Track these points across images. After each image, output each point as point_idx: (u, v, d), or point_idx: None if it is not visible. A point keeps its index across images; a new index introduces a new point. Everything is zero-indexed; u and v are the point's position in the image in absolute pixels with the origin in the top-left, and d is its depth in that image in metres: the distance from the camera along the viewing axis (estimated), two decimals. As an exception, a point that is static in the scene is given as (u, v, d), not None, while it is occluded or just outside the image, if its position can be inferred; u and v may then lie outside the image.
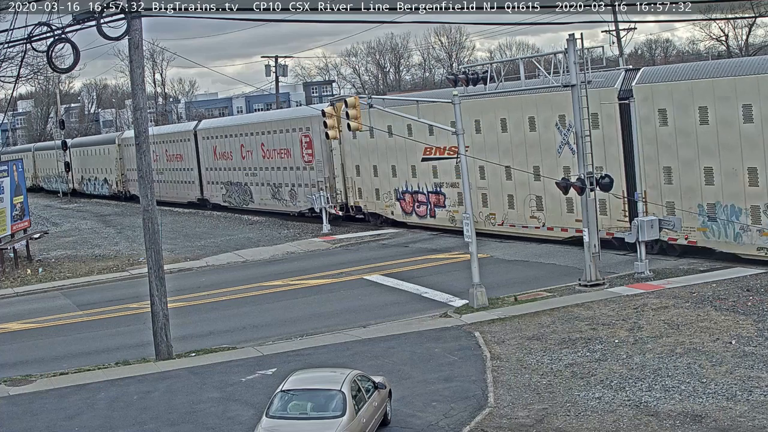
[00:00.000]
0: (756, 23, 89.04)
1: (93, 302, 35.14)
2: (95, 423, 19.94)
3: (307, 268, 38.11)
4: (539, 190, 36.24)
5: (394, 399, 19.04)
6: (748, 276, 27.85)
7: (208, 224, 57.52)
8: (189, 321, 29.87)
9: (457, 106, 28.63)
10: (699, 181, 30.26)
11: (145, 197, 25.32)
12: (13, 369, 25.68)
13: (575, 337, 23.08)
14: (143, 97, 25.46)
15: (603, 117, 33.06)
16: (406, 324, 26.74)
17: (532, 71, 33.42)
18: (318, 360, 23.05)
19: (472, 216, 28.44)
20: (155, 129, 64.48)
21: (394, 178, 44.65)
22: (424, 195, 43.09)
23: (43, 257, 47.19)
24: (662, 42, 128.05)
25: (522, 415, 18.18)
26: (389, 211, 45.61)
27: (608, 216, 33.09)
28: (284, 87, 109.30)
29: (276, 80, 77.30)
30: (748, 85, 28.42)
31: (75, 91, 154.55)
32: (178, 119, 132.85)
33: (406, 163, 43.50)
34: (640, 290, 27.49)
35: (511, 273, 32.99)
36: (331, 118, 30.46)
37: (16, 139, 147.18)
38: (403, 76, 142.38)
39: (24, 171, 49.12)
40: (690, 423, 17.00)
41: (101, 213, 71.82)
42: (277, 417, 16.58)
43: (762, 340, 21.33)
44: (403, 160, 43.65)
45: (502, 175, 37.92)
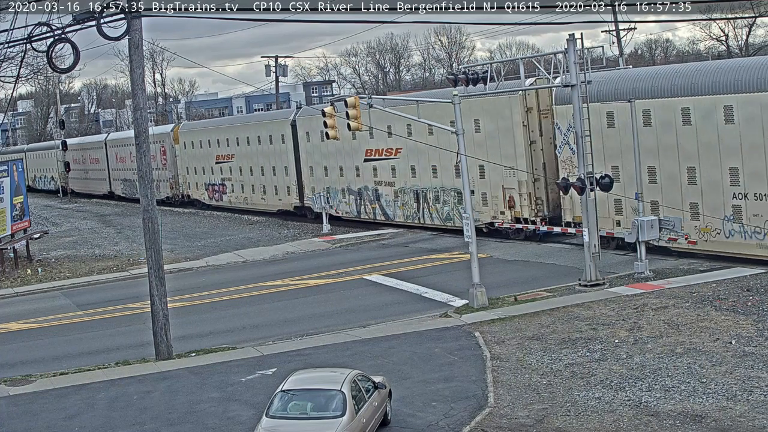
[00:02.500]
0: (756, 23, 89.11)
1: (93, 302, 35.14)
2: (95, 423, 19.94)
3: (307, 268, 38.12)
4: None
5: (394, 399, 19.04)
6: (748, 276, 27.85)
7: (208, 224, 57.57)
8: (189, 321, 29.87)
9: (458, 106, 28.64)
10: (329, 175, 50.44)
11: (145, 197, 25.29)
12: (13, 369, 25.69)
13: (575, 337, 23.08)
14: (143, 97, 25.45)
15: (284, 136, 54.27)
16: (406, 324, 26.74)
17: (532, 71, 33.44)
18: (318, 360, 23.05)
19: (472, 216, 28.44)
20: (77, 140, 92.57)
21: (203, 175, 65.72)
22: (217, 186, 63.72)
23: (43, 257, 47.19)
24: (662, 42, 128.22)
25: (522, 415, 18.18)
26: (203, 197, 66.02)
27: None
28: (284, 87, 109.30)
29: (276, 80, 77.33)
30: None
31: (75, 91, 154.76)
32: (178, 119, 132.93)
33: (208, 164, 64.46)
34: (640, 290, 27.49)
35: (511, 273, 32.99)
36: (331, 118, 30.54)
37: (16, 139, 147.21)
38: (403, 76, 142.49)
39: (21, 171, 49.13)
40: (690, 423, 17.00)
41: (101, 213, 71.85)
42: (277, 417, 16.57)
43: (762, 340, 21.32)
44: (207, 162, 64.40)
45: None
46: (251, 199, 59.73)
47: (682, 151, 30.98)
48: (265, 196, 57.83)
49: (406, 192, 44.34)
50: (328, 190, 50.27)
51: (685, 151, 30.89)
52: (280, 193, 55.99)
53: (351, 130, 30.62)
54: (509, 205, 38.26)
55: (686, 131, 30.81)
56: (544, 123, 37.16)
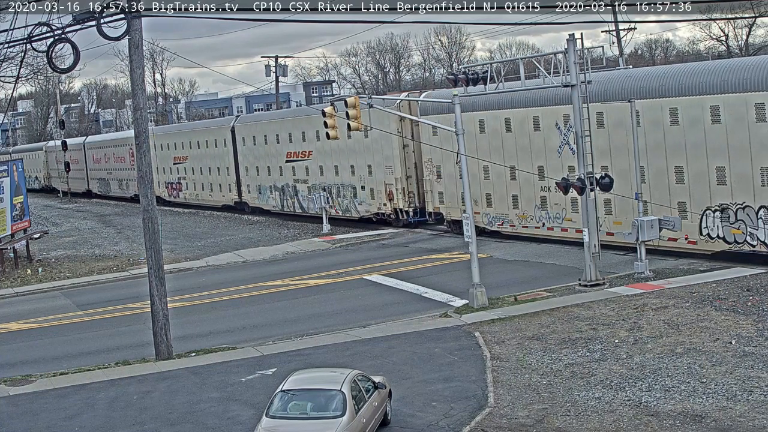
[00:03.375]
0: (756, 23, 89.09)
1: (93, 302, 35.14)
2: (95, 423, 19.94)
3: (307, 268, 38.13)
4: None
5: (394, 399, 19.04)
6: (748, 276, 27.85)
7: (208, 224, 57.61)
8: (189, 321, 29.87)
9: (457, 106, 28.65)
10: (260, 174, 57.41)
11: (145, 197, 25.29)
12: (13, 369, 25.69)
13: (575, 337, 23.08)
14: (143, 97, 25.45)
15: (225, 140, 61.15)
16: (406, 324, 26.74)
17: (533, 71, 33.42)
18: (318, 360, 23.06)
19: (472, 216, 28.44)
20: (52, 143, 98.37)
21: (164, 174, 72.18)
22: (174, 184, 71.00)
23: (43, 257, 47.20)
24: (662, 42, 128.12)
25: (522, 415, 18.18)
26: (163, 194, 71.39)
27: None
28: (284, 87, 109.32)
29: (276, 80, 77.34)
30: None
31: (75, 91, 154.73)
32: (178, 119, 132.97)
33: (167, 165, 71.82)
34: (640, 290, 27.49)
35: (511, 273, 32.99)
36: (331, 118, 30.56)
37: (16, 139, 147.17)
38: (403, 76, 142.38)
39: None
40: (690, 423, 17.00)
41: (101, 213, 71.89)
42: (277, 417, 16.57)
43: (762, 340, 21.32)
44: (167, 163, 71.70)
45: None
46: (201, 195, 67.17)
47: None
48: (212, 193, 65.47)
49: (316, 188, 51.06)
50: (259, 188, 57.96)
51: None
52: (224, 190, 63.30)
53: (352, 130, 30.72)
54: (389, 198, 45.69)
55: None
56: (416, 130, 44.17)
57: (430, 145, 41.09)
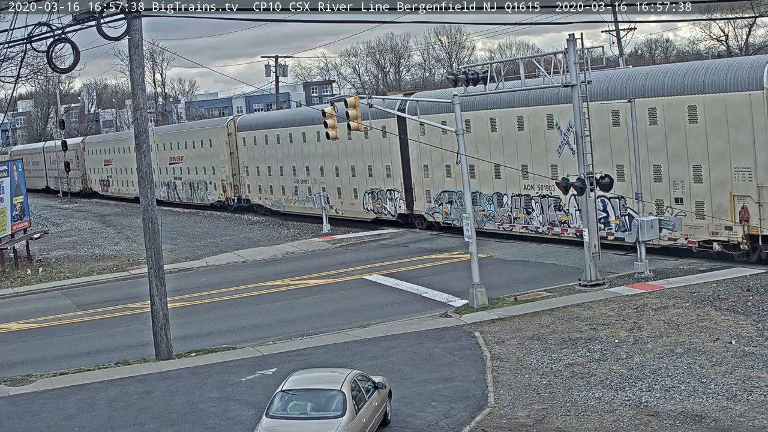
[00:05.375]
0: (756, 23, 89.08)
1: (93, 302, 35.14)
2: (95, 423, 19.94)
3: (307, 268, 38.13)
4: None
5: (394, 399, 19.04)
6: (748, 276, 27.86)
7: (208, 224, 57.63)
8: (189, 321, 29.87)
9: (457, 106, 28.65)
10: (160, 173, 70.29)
11: (145, 197, 25.29)
12: (13, 369, 25.69)
13: (575, 337, 23.08)
14: (143, 97, 25.45)
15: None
16: (406, 324, 26.74)
17: (533, 71, 33.41)
18: (318, 360, 23.05)
19: (472, 216, 28.44)
20: (21, 147, 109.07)
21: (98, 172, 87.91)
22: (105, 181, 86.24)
23: (43, 257, 47.20)
24: (662, 42, 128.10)
25: (522, 415, 18.18)
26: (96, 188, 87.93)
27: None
28: (284, 87, 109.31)
29: (276, 80, 77.35)
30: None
31: (75, 91, 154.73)
32: (178, 119, 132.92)
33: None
34: (640, 290, 27.49)
35: (511, 273, 32.99)
36: (331, 118, 30.54)
37: (16, 139, 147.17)
38: (403, 76, 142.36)
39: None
40: (690, 423, 17.00)
41: (101, 213, 71.90)
42: (277, 417, 16.57)
43: (762, 340, 21.33)
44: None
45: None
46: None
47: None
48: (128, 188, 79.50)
49: (186, 184, 68.75)
50: (157, 184, 66.87)
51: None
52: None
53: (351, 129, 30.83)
54: (224, 189, 62.99)
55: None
56: (237, 142, 61.37)
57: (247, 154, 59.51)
